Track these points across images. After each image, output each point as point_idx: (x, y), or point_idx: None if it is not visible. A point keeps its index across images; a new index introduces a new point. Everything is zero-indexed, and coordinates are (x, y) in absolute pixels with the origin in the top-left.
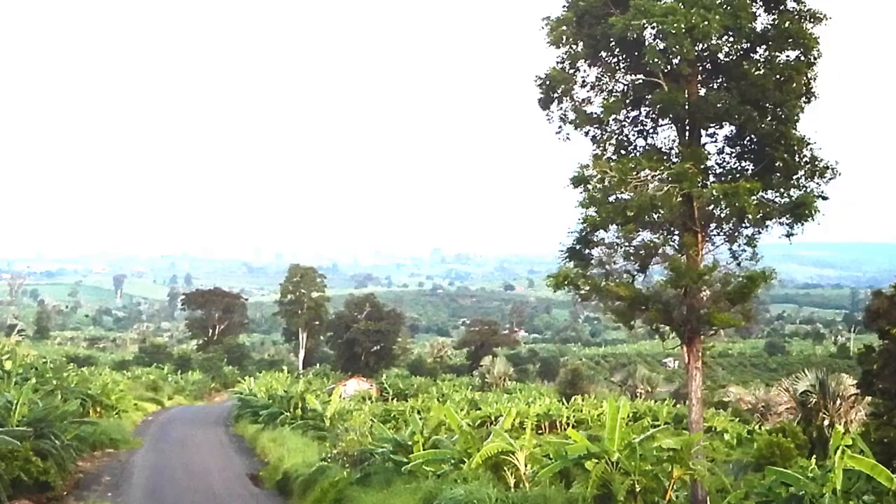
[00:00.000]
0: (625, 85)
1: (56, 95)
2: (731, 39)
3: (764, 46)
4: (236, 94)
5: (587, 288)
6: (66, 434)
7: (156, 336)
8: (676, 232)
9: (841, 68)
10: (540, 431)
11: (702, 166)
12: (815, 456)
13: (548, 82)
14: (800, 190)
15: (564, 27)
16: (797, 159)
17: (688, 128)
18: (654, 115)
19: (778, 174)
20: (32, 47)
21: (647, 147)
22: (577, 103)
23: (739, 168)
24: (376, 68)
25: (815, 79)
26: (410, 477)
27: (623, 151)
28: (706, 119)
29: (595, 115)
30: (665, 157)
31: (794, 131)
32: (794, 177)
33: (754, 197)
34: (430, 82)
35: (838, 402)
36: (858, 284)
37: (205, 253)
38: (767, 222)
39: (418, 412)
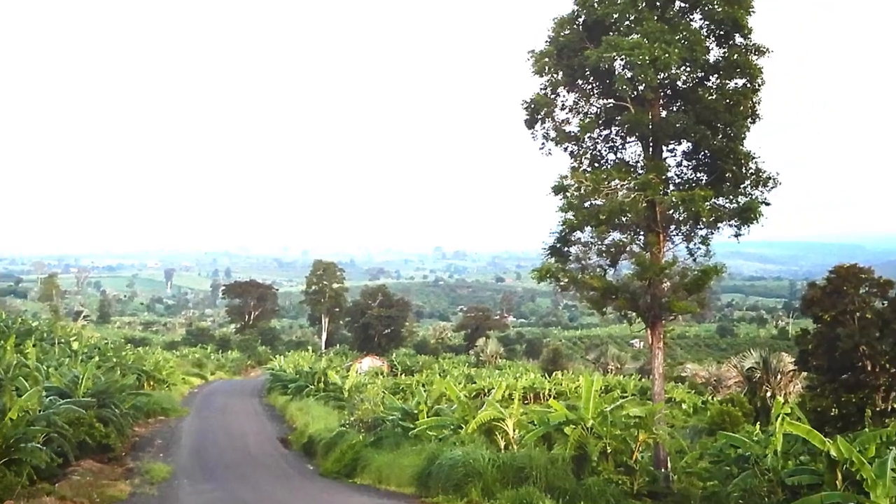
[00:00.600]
0: (598, 108)
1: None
2: (688, 69)
3: (716, 75)
4: (270, 107)
5: (566, 280)
6: (124, 404)
7: (200, 321)
8: (641, 233)
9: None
10: (526, 402)
11: (663, 177)
12: (759, 422)
13: (532, 105)
14: (746, 197)
15: (546, 59)
16: (744, 171)
17: (651, 144)
18: (622, 134)
19: (728, 184)
20: (88, 55)
21: (616, 161)
22: (557, 124)
23: (695, 178)
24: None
25: (759, 102)
26: (416, 440)
27: (596, 164)
28: (667, 137)
29: (573, 134)
30: (632, 169)
31: (741, 147)
32: (742, 186)
33: (707, 203)
34: (431, 98)
35: (779, 376)
36: (795, 277)
37: (242, 250)
38: (719, 224)
39: (423, 385)
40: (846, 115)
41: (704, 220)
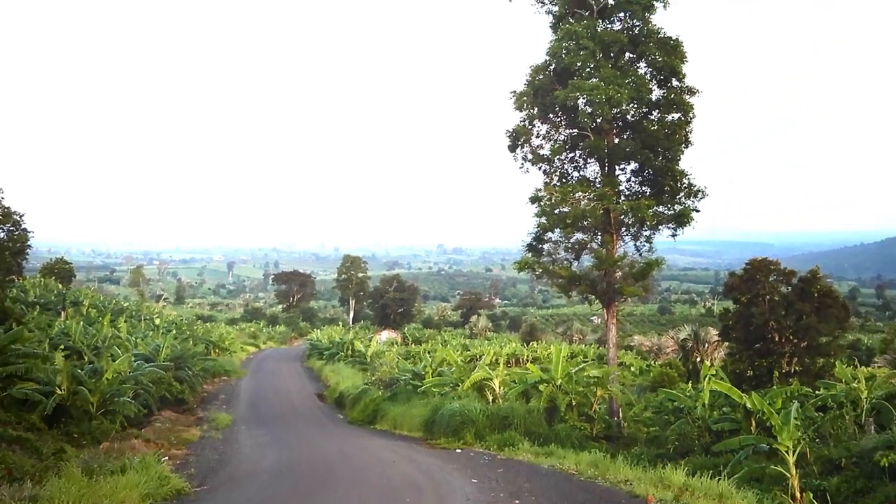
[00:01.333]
0: (565, 136)
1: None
2: (636, 106)
3: (657, 111)
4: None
5: (540, 270)
6: (195, 367)
7: (254, 302)
8: (599, 233)
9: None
10: (508, 365)
11: (616, 190)
12: (690, 381)
13: (513, 134)
14: (681, 206)
15: (524, 98)
16: (679, 185)
17: (607, 164)
18: (584, 156)
19: (666, 195)
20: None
21: (580, 177)
22: (533, 148)
23: (641, 191)
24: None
25: (691, 132)
26: (423, 395)
27: (564, 180)
28: (619, 158)
29: (545, 156)
30: (591, 184)
31: (677, 167)
32: (677, 197)
33: (650, 210)
34: (438, 116)
35: (706, 345)
36: (719, 268)
37: (287, 247)
38: (659, 227)
39: (428, 352)
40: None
41: (648, 223)
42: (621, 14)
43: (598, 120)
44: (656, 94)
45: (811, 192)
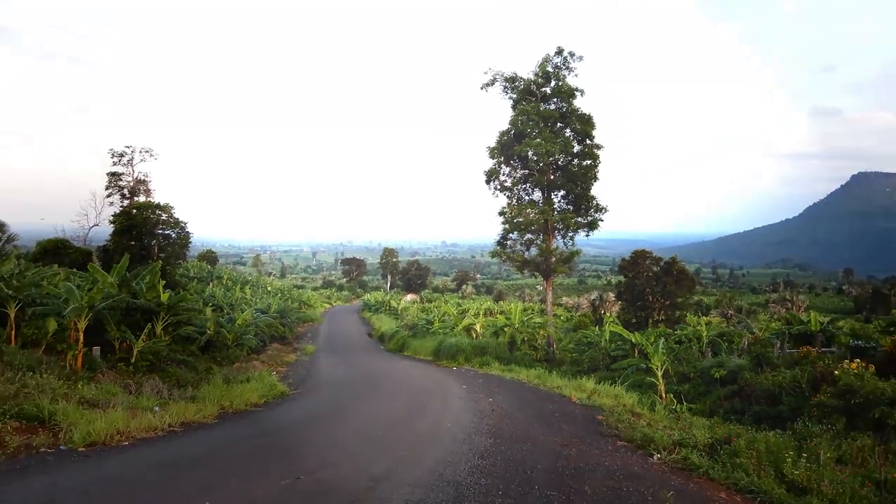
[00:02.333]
0: (520, 174)
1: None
2: (564, 156)
3: (577, 158)
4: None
5: (505, 257)
6: (292, 316)
7: (329, 277)
8: (541, 234)
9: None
10: (486, 315)
11: (552, 208)
12: (598, 325)
13: (488, 173)
14: (592, 217)
15: (495, 150)
16: (591, 204)
17: (546, 192)
18: (532, 187)
19: (583, 210)
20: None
21: (529, 200)
22: (501, 182)
23: (567, 208)
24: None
25: (598, 172)
26: (433, 334)
27: (519, 202)
28: (554, 188)
29: (508, 187)
30: (537, 204)
31: (590, 193)
32: (589, 212)
33: (573, 220)
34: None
35: (607, 303)
36: (616, 255)
37: (349, 241)
38: (578, 230)
39: (436, 308)
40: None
41: (571, 228)
42: (555, 99)
43: (541, 164)
44: (577, 148)
45: (672, 205)
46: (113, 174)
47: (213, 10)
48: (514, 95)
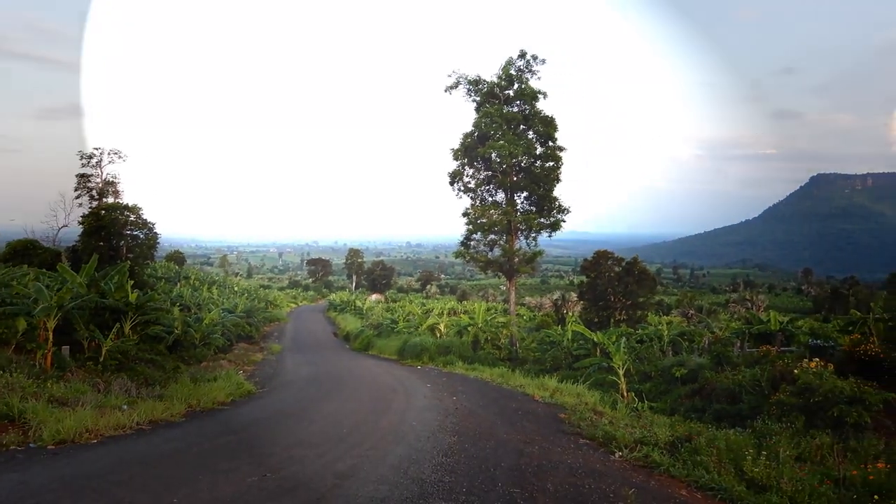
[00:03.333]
0: (484, 176)
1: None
2: (527, 157)
3: (540, 160)
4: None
5: (469, 258)
6: (259, 315)
7: (295, 278)
8: (504, 235)
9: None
10: (449, 315)
11: (514, 209)
12: (560, 325)
13: (452, 175)
14: (554, 218)
15: (459, 153)
16: (553, 205)
17: (509, 193)
18: (495, 188)
19: (545, 211)
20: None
21: (492, 201)
22: (464, 183)
23: (530, 209)
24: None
25: (561, 173)
26: (397, 333)
27: (483, 202)
28: (517, 189)
29: (472, 188)
30: (500, 205)
31: (552, 194)
32: (552, 213)
33: (536, 221)
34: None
35: (569, 303)
36: (578, 255)
37: (315, 241)
38: (541, 231)
39: (401, 307)
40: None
41: (534, 229)
42: (518, 102)
43: (504, 166)
44: (539, 150)
45: (634, 206)
46: (82, 176)
47: (175, 9)
48: (478, 98)
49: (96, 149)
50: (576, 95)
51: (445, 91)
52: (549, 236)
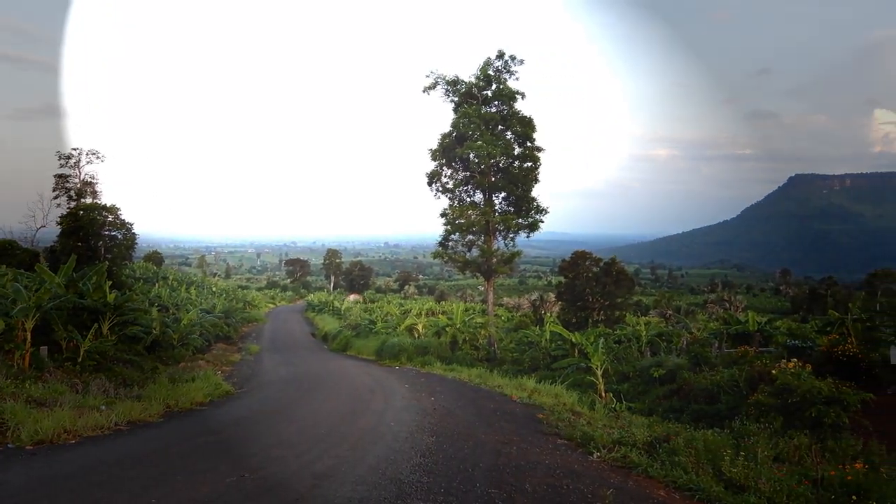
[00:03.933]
0: (462, 176)
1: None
2: (505, 158)
3: (518, 161)
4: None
5: (447, 258)
6: (237, 316)
7: (273, 278)
8: (482, 235)
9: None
10: (427, 316)
11: (493, 209)
12: (539, 325)
13: (430, 175)
14: (532, 218)
15: (437, 153)
16: (531, 206)
17: (488, 193)
18: (473, 189)
19: (523, 212)
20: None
21: (471, 201)
22: (443, 184)
23: (508, 210)
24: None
25: (539, 174)
26: (376, 334)
27: (461, 203)
28: (495, 190)
29: (450, 189)
30: (478, 206)
31: (530, 195)
32: (530, 213)
33: (514, 221)
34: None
35: (547, 303)
36: (557, 256)
37: (293, 241)
38: (519, 231)
39: (379, 308)
40: None
41: (512, 229)
42: (496, 102)
43: (482, 167)
44: (518, 150)
45: (612, 207)
46: (60, 176)
47: (150, 9)
48: (456, 98)
49: (74, 149)
50: (552, 96)
51: (423, 91)
52: (528, 237)
